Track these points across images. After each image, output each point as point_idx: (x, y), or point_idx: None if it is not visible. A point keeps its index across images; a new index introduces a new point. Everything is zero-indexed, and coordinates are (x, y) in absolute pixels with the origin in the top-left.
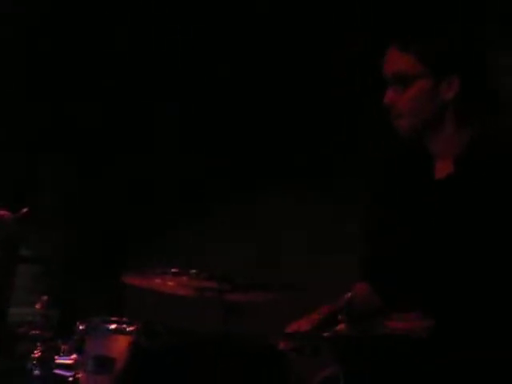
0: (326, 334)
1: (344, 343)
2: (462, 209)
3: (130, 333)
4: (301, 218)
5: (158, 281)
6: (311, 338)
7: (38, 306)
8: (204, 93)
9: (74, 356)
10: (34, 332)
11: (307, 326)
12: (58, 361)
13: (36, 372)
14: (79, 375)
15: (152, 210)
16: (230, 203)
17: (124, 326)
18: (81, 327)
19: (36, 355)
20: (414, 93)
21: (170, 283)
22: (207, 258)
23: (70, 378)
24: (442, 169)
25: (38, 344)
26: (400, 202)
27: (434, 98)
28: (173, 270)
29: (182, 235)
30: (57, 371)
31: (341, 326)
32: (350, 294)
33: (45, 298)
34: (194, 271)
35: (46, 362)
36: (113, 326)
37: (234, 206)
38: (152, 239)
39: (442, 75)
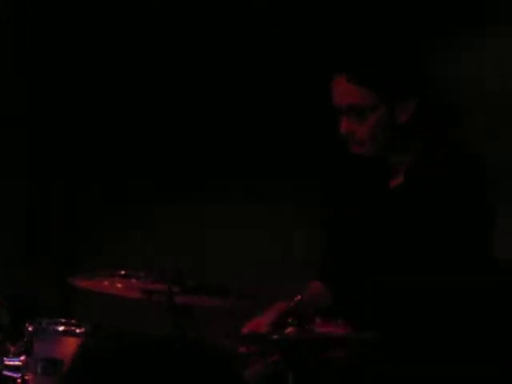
0: (275, 337)
1: (293, 346)
2: (406, 218)
3: (78, 335)
4: (249, 220)
5: (106, 283)
6: (263, 341)
7: None
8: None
9: (22, 358)
10: None
11: (266, 326)
12: (6, 362)
13: None
14: (27, 377)
15: (99, 211)
16: (177, 204)
17: (73, 327)
18: (30, 329)
19: None
20: (373, 122)
21: (118, 285)
22: (156, 259)
23: (19, 380)
24: (397, 179)
25: None
26: (355, 209)
27: (392, 123)
28: (121, 272)
29: (130, 236)
30: (5, 373)
31: (290, 329)
32: (299, 296)
33: None
34: (142, 273)
35: None
36: (61, 328)
37: (182, 207)
38: (101, 240)
39: (397, 101)
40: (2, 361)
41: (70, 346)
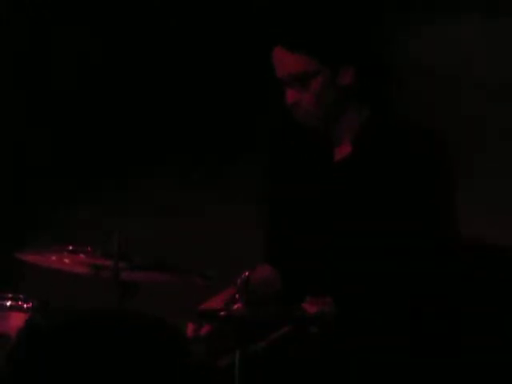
0: (221, 313)
1: (238, 322)
2: (360, 187)
3: (26, 310)
4: (199, 201)
5: (53, 258)
6: (211, 317)
7: None
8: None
9: None
10: None
11: (219, 305)
12: None
13: None
14: None
15: (49, 184)
16: (128, 179)
17: (20, 302)
18: None
19: None
20: (316, 88)
21: (65, 261)
22: (105, 235)
23: None
24: (341, 152)
25: None
26: (300, 187)
27: (334, 88)
28: (69, 248)
29: (80, 211)
30: None
31: (238, 305)
32: (247, 273)
33: None
34: (90, 249)
35: None
36: (9, 303)
37: (132, 182)
38: (49, 214)
39: (336, 66)
40: None
41: (16, 321)
